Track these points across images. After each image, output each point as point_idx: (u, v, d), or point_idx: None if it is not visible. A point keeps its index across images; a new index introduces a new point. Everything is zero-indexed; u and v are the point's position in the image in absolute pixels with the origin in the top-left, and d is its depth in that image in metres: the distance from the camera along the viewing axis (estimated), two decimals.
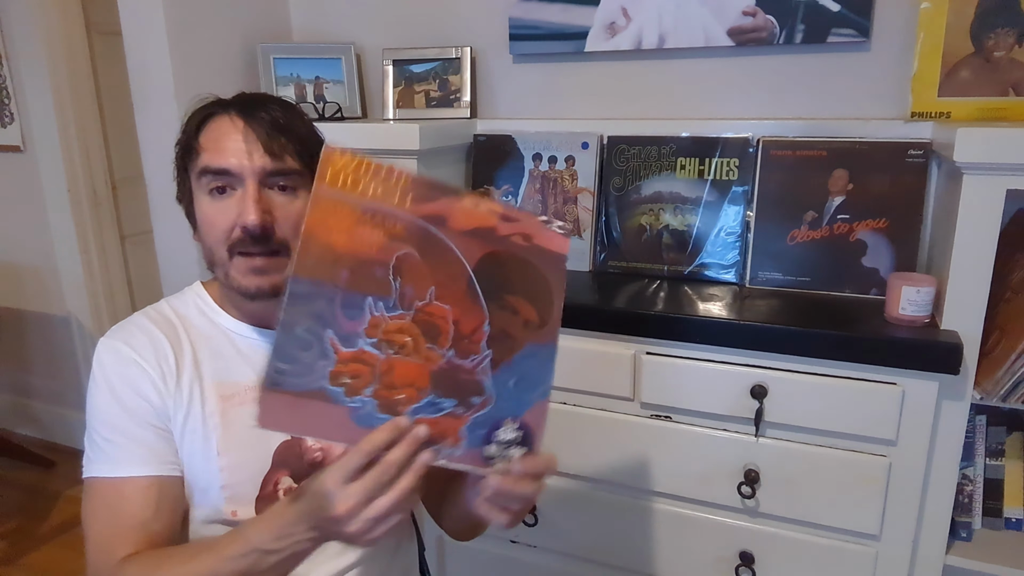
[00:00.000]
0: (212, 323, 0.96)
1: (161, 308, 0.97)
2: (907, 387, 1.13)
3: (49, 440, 2.84)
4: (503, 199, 1.63)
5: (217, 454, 0.90)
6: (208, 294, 0.98)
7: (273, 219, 0.88)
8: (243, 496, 0.91)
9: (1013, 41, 1.28)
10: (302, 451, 0.95)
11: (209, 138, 0.89)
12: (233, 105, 0.92)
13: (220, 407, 0.91)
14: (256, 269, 0.89)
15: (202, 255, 0.94)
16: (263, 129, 0.89)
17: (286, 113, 0.94)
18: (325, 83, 1.80)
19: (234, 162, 0.87)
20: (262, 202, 0.88)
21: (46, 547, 2.21)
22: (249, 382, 0.93)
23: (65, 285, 2.69)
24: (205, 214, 0.89)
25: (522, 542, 1.50)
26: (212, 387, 0.92)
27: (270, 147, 0.89)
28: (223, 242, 0.89)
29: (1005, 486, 1.27)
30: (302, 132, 0.94)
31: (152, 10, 1.55)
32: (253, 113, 0.90)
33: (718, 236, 1.45)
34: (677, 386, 1.27)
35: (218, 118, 0.91)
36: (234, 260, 0.89)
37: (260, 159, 0.88)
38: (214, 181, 0.88)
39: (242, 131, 0.89)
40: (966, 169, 1.08)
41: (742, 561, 1.30)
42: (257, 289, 0.90)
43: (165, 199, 1.65)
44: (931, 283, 1.16)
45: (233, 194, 0.88)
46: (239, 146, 0.88)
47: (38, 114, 2.52)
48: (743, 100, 1.52)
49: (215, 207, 0.89)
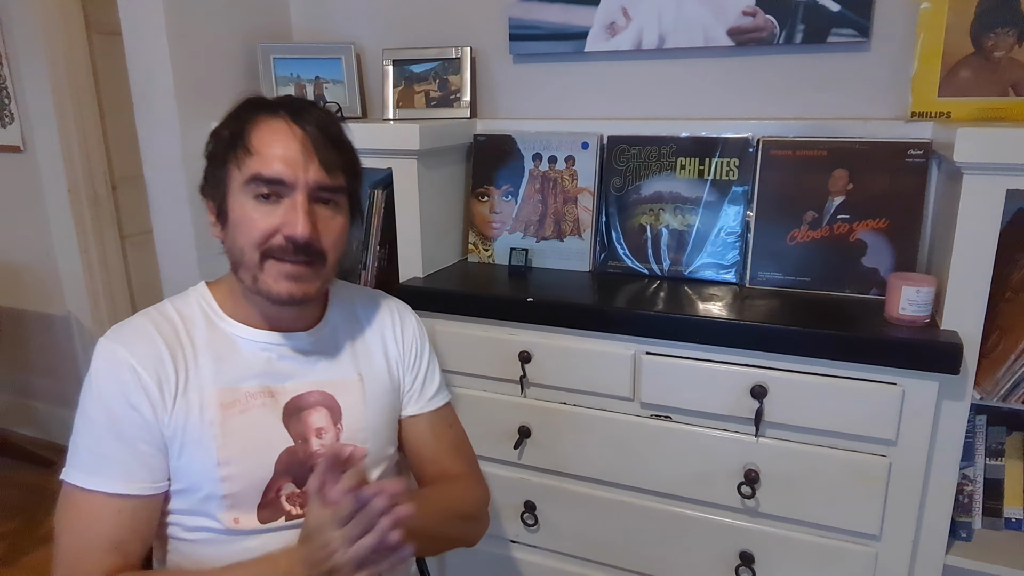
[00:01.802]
0: (215, 327, 0.94)
1: (164, 309, 0.95)
2: (907, 387, 1.13)
3: (49, 440, 2.85)
4: (503, 199, 1.63)
5: (217, 464, 0.88)
6: (213, 296, 0.96)
7: (317, 232, 0.88)
8: (245, 504, 0.90)
9: (1013, 41, 1.28)
10: (306, 457, 0.94)
11: (263, 141, 0.87)
12: (283, 107, 0.90)
13: (220, 416, 0.89)
14: (291, 275, 0.88)
15: (226, 252, 0.92)
16: (319, 139, 0.88)
17: (335, 124, 0.93)
18: (325, 83, 1.80)
19: (289, 173, 0.86)
20: (311, 214, 0.87)
21: (46, 547, 2.21)
22: (250, 388, 0.92)
23: (65, 285, 2.69)
24: (246, 216, 0.87)
25: (522, 542, 1.50)
26: (212, 395, 0.90)
27: (325, 160, 0.88)
28: (258, 246, 0.87)
29: (1005, 486, 1.27)
30: (349, 146, 0.95)
31: (152, 10, 1.55)
32: (306, 119, 0.89)
33: (718, 236, 1.45)
34: (677, 386, 1.27)
35: (271, 120, 0.89)
36: (266, 264, 0.88)
37: (315, 173, 0.87)
38: (264, 188, 0.86)
39: (299, 139, 0.87)
40: (966, 169, 1.08)
41: (742, 561, 1.30)
42: (289, 296, 0.89)
43: (165, 199, 1.65)
44: (931, 283, 1.16)
45: (280, 202, 0.87)
46: (296, 156, 0.86)
47: (38, 114, 2.52)
48: (743, 100, 1.52)
49: (259, 211, 0.87)
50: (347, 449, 0.96)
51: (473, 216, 1.66)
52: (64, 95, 2.51)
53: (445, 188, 1.61)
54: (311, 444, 0.95)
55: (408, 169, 1.46)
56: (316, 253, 0.89)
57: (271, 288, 0.88)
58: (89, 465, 0.86)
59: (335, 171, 0.90)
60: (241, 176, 0.87)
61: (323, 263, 0.91)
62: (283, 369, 0.95)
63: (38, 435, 2.88)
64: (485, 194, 1.64)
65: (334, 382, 0.98)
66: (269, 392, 0.93)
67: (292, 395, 0.95)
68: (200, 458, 0.88)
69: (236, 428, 0.90)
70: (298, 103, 0.92)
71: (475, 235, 1.66)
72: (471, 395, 1.45)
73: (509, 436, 1.43)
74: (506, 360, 1.40)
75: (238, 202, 0.88)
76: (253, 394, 0.92)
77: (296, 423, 0.94)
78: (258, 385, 0.93)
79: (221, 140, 0.91)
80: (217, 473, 0.88)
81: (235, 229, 0.89)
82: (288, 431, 0.93)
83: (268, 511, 0.92)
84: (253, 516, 0.91)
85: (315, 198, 0.89)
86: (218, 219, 0.93)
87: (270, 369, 0.94)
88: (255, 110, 0.90)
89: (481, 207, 1.65)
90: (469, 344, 1.43)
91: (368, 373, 1.02)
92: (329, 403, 0.97)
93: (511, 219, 1.62)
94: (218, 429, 0.89)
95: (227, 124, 0.91)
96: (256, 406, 0.92)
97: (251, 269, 0.89)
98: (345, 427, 0.98)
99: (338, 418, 0.98)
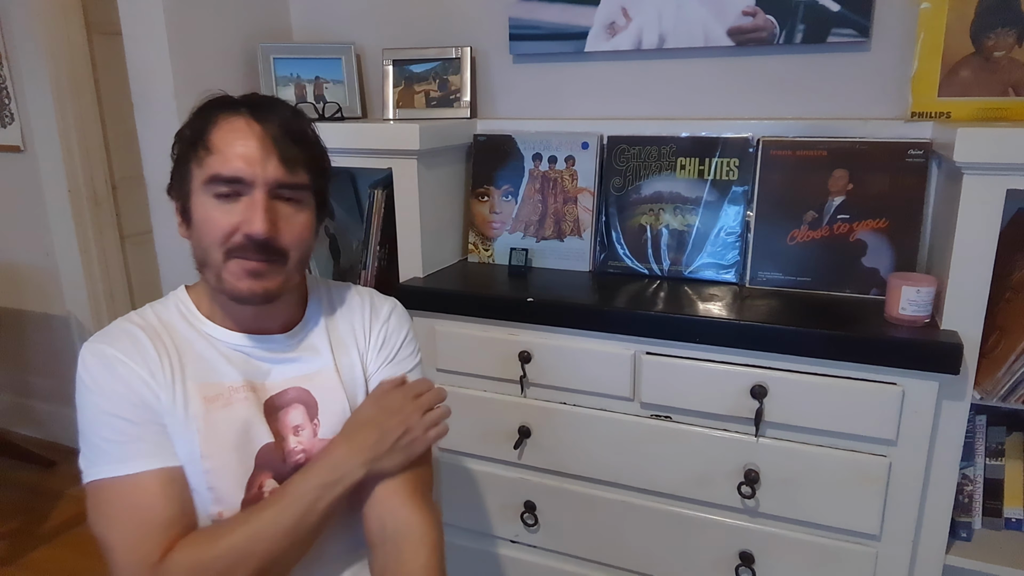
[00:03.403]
0: (194, 328, 0.95)
1: (144, 313, 0.96)
2: (907, 387, 1.13)
3: (49, 440, 2.84)
4: (503, 199, 1.63)
5: (201, 456, 0.89)
6: (191, 300, 0.97)
7: (277, 229, 0.88)
8: (229, 498, 0.91)
9: (1013, 41, 1.28)
10: (284, 454, 0.95)
11: (222, 140, 0.87)
12: (245, 105, 0.90)
13: (204, 409, 0.90)
14: (252, 272, 0.88)
15: (192, 253, 0.92)
16: (279, 136, 0.87)
17: (299, 120, 0.92)
18: (325, 83, 1.80)
19: (247, 171, 0.86)
20: (270, 212, 0.87)
21: (46, 547, 2.21)
22: (233, 383, 0.93)
23: (65, 285, 2.69)
24: (207, 215, 0.88)
25: (522, 542, 1.50)
26: (195, 389, 0.90)
27: (285, 157, 0.87)
28: (220, 244, 0.87)
29: (1005, 486, 1.27)
30: (313, 142, 0.93)
31: (152, 10, 1.55)
32: (267, 117, 0.88)
33: (718, 236, 1.45)
34: (677, 386, 1.27)
35: (231, 118, 0.88)
36: (228, 263, 0.88)
37: (274, 170, 0.87)
38: (224, 188, 0.86)
39: (258, 136, 0.87)
40: (966, 169, 1.08)
41: (742, 561, 1.30)
42: (250, 293, 0.89)
43: (165, 199, 1.64)
44: (931, 283, 1.16)
45: (239, 200, 0.87)
46: (253, 153, 0.86)
47: (38, 114, 2.51)
48: (743, 100, 1.52)
49: (219, 210, 0.87)
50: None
51: (473, 216, 1.66)
52: (64, 95, 2.50)
53: (445, 188, 1.61)
54: (288, 442, 0.95)
55: (408, 169, 1.46)
56: (276, 251, 0.89)
57: (233, 286, 0.89)
58: (117, 454, 0.85)
59: (296, 168, 0.89)
60: (201, 175, 0.88)
61: (284, 260, 0.90)
62: (261, 368, 0.96)
63: (38, 435, 2.88)
64: (485, 194, 1.64)
65: (310, 376, 0.98)
66: (251, 386, 0.94)
67: (271, 392, 0.96)
68: (186, 451, 0.89)
69: (219, 421, 0.90)
70: (260, 100, 0.92)
71: (475, 235, 1.66)
72: (471, 395, 1.45)
73: (509, 436, 1.43)
74: (506, 360, 1.40)
75: (199, 201, 0.88)
76: (236, 387, 0.93)
77: (274, 420, 0.95)
78: (241, 379, 0.94)
79: (184, 140, 0.91)
80: (201, 465, 0.89)
81: (198, 229, 0.89)
82: (268, 427, 0.94)
83: (252, 505, 0.92)
84: (237, 510, 0.91)
85: (276, 195, 0.88)
86: (183, 219, 0.93)
87: (249, 367, 0.95)
88: (216, 109, 0.90)
89: (481, 207, 1.65)
90: (469, 344, 1.43)
91: (344, 364, 1.02)
92: (306, 399, 0.98)
93: (511, 219, 1.62)
94: (202, 422, 0.89)
95: (189, 123, 0.91)
96: (239, 399, 0.92)
97: (215, 268, 0.89)
98: (322, 422, 0.98)
99: (315, 413, 0.98)
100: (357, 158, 1.50)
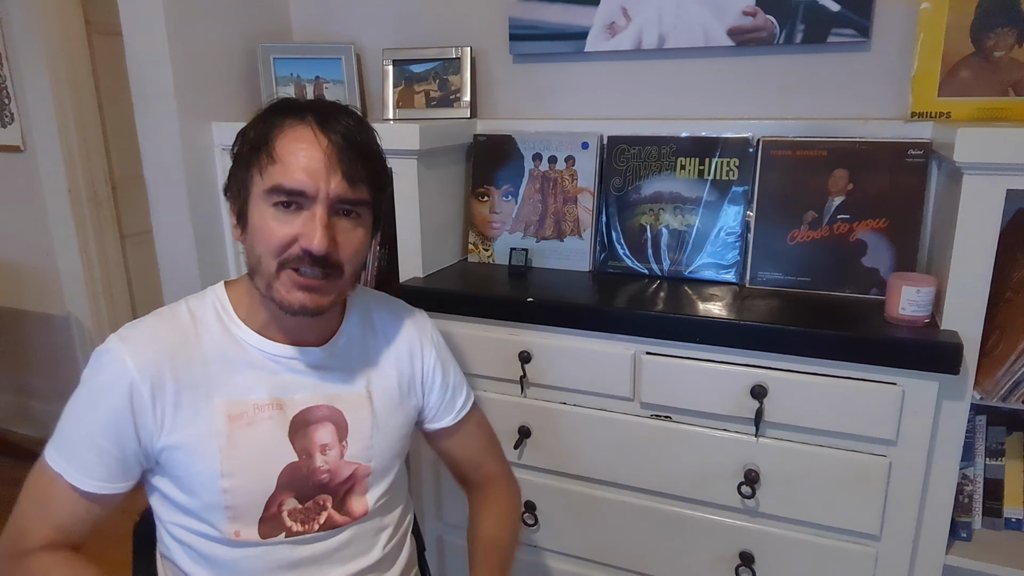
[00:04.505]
0: (227, 332, 0.93)
1: (178, 309, 0.94)
2: (907, 387, 1.13)
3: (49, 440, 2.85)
4: (503, 199, 1.63)
5: (220, 475, 0.88)
6: (229, 300, 0.95)
7: (336, 245, 0.87)
8: (246, 517, 0.90)
9: (1013, 41, 1.28)
10: (309, 472, 0.93)
11: (287, 149, 0.86)
12: (311, 111, 0.88)
13: (227, 427, 0.89)
14: (305, 287, 0.87)
15: (245, 257, 0.92)
16: (344, 148, 0.86)
17: (363, 132, 0.91)
18: (325, 83, 1.80)
19: (310, 185, 0.85)
20: (329, 228, 0.86)
21: None
22: (259, 400, 0.91)
23: (65, 285, 2.69)
24: (265, 224, 0.86)
25: (522, 542, 1.50)
26: (221, 405, 0.89)
27: (350, 173, 0.86)
28: (275, 255, 0.86)
29: (1005, 486, 1.27)
30: (376, 157, 0.92)
31: (152, 10, 1.55)
32: (333, 127, 0.87)
33: (718, 236, 1.45)
34: (677, 386, 1.27)
35: (297, 126, 0.87)
36: (282, 274, 0.87)
37: (338, 186, 0.86)
38: (285, 197, 0.85)
39: (324, 149, 0.85)
40: (966, 169, 1.08)
41: (742, 561, 1.30)
42: (301, 307, 0.88)
43: (165, 199, 1.65)
44: (931, 283, 1.16)
45: (300, 212, 0.86)
46: (318, 167, 0.85)
47: (38, 114, 2.52)
48: (743, 100, 1.52)
49: (278, 220, 0.86)
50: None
51: (473, 216, 1.66)
52: (64, 95, 2.51)
53: (445, 188, 1.61)
54: (315, 460, 0.94)
55: (408, 169, 1.46)
56: (333, 266, 0.88)
57: (284, 298, 0.88)
58: (63, 449, 0.88)
59: (358, 184, 0.88)
60: (263, 183, 0.86)
61: (340, 275, 0.90)
62: (293, 381, 0.94)
63: (38, 435, 2.88)
64: (485, 194, 1.64)
65: (343, 397, 0.97)
66: (278, 404, 0.93)
67: (300, 408, 0.94)
68: (204, 468, 0.88)
69: (242, 440, 0.89)
70: (327, 108, 0.90)
71: (475, 235, 1.66)
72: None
73: (509, 436, 1.43)
74: (506, 360, 1.40)
75: (258, 208, 0.87)
76: (261, 406, 0.91)
77: (301, 438, 0.93)
78: (267, 396, 0.92)
79: (247, 142, 0.90)
80: (220, 484, 0.88)
81: (254, 235, 0.88)
82: (293, 445, 0.93)
83: (269, 525, 0.91)
84: (254, 530, 0.90)
85: (336, 211, 0.87)
86: (239, 222, 0.92)
87: (280, 380, 0.94)
88: (283, 113, 0.89)
89: (481, 207, 1.65)
90: (469, 344, 1.43)
91: (378, 389, 1.01)
92: (336, 419, 0.96)
93: (511, 219, 1.62)
94: (224, 440, 0.88)
95: (254, 125, 0.90)
96: (263, 419, 0.91)
97: (266, 277, 0.88)
98: (350, 444, 0.97)
99: (344, 435, 0.96)
100: None
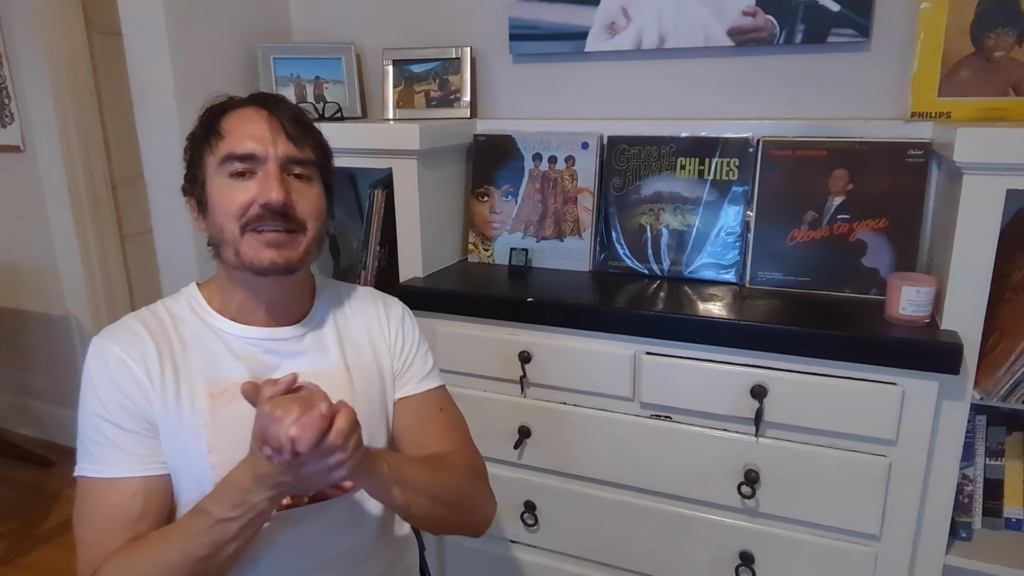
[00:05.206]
0: (203, 322, 0.97)
1: (155, 309, 0.98)
2: (907, 387, 1.13)
3: (49, 440, 2.84)
4: (503, 199, 1.63)
5: (208, 452, 0.90)
6: (203, 296, 0.99)
7: (292, 200, 0.91)
8: None
9: (1013, 41, 1.28)
10: None
11: (233, 125, 0.93)
12: (251, 100, 0.96)
13: (210, 405, 0.91)
14: (271, 243, 0.90)
15: (208, 238, 0.95)
16: (286, 118, 0.94)
17: (301, 112, 0.99)
18: (325, 83, 1.80)
19: (259, 148, 0.90)
20: (284, 183, 0.91)
21: (46, 547, 2.21)
22: (239, 378, 0.93)
23: (65, 285, 2.68)
24: (222, 194, 0.91)
25: (522, 542, 1.50)
26: (202, 385, 0.92)
27: (294, 136, 0.93)
28: (236, 219, 0.90)
29: (1005, 486, 1.27)
30: (316, 131, 1.00)
31: (152, 10, 1.55)
32: (273, 106, 0.95)
33: (718, 236, 1.45)
34: (677, 386, 1.27)
35: (240, 109, 0.95)
36: (246, 236, 0.91)
37: (284, 146, 0.92)
38: (238, 165, 0.90)
39: (267, 119, 0.93)
40: (966, 169, 1.08)
41: (742, 561, 1.30)
42: (271, 263, 0.91)
43: (165, 199, 1.65)
44: (931, 283, 1.16)
45: (253, 177, 0.91)
46: (264, 133, 0.91)
47: (38, 114, 2.51)
48: (743, 100, 1.52)
49: (235, 188, 0.91)
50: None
51: (473, 216, 1.66)
52: (64, 95, 2.50)
53: (445, 188, 1.61)
54: None
55: (408, 169, 1.46)
56: (294, 220, 0.92)
57: (253, 259, 0.90)
58: (96, 456, 0.88)
59: (304, 145, 0.94)
60: (215, 159, 0.92)
61: (303, 231, 0.93)
62: (270, 361, 0.97)
63: (38, 435, 2.88)
64: (485, 194, 1.64)
65: (321, 371, 0.99)
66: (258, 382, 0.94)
67: None
68: (192, 446, 0.90)
69: (226, 416, 0.92)
70: (266, 96, 0.98)
71: (475, 235, 1.66)
72: (471, 395, 1.45)
73: (509, 436, 1.43)
74: (506, 360, 1.40)
75: (215, 184, 0.92)
76: (242, 383, 0.93)
77: None
78: (247, 375, 0.94)
79: (195, 137, 0.96)
80: (208, 460, 0.90)
81: (214, 210, 0.92)
82: None
83: None
84: None
85: (287, 171, 0.93)
86: (199, 210, 0.96)
87: (258, 361, 0.96)
88: (224, 105, 0.96)
89: (481, 207, 1.65)
90: (469, 344, 1.43)
91: (355, 364, 1.02)
92: None
93: (511, 219, 1.62)
94: (208, 417, 0.91)
95: (199, 123, 0.97)
96: None
97: (232, 243, 0.91)
98: None
99: None
100: (357, 158, 1.50)
